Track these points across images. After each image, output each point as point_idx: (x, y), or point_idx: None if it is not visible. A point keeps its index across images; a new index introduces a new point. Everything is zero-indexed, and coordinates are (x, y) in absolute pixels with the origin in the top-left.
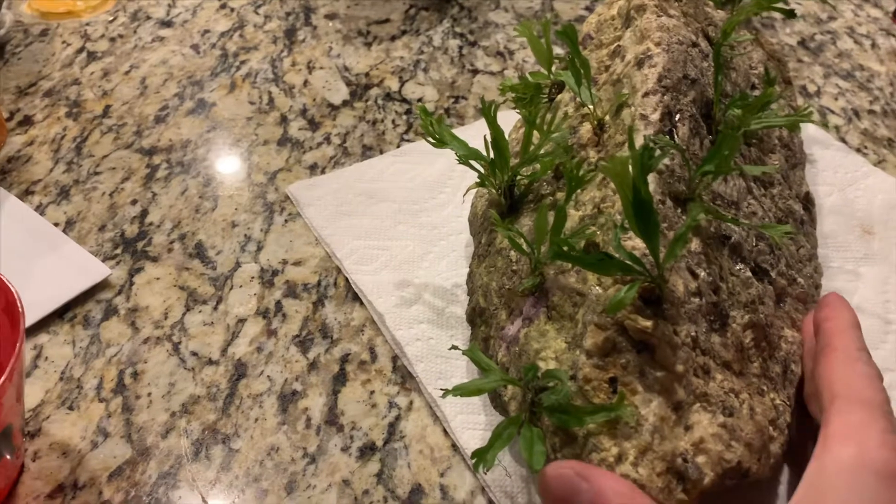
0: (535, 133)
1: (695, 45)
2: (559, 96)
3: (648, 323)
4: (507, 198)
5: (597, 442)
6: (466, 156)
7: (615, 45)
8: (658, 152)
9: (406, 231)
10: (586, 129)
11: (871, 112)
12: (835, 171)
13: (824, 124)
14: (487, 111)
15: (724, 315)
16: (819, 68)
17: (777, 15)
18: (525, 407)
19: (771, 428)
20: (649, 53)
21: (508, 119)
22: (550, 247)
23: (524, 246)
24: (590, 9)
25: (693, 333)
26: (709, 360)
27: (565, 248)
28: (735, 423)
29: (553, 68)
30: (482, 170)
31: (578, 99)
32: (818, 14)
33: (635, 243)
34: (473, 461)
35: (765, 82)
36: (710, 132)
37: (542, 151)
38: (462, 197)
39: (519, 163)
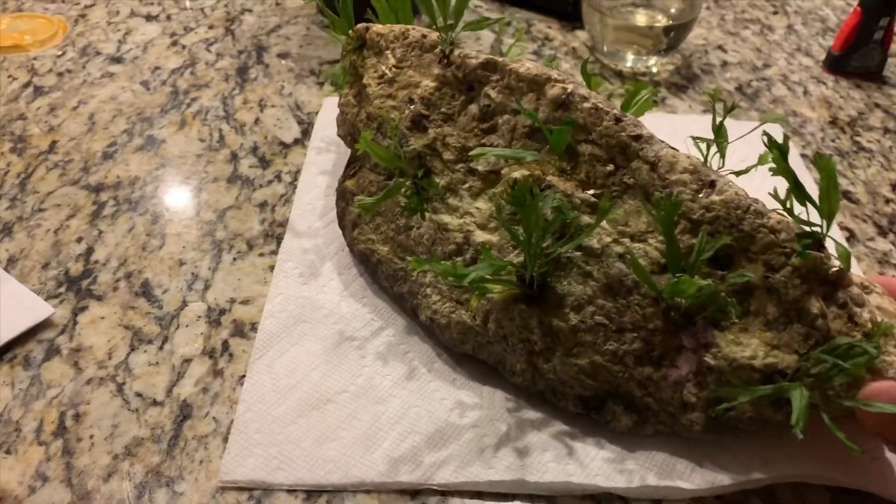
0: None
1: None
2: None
3: None
4: (532, 285)
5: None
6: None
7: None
8: None
9: None
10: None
11: (803, 156)
12: None
13: None
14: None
15: None
16: (755, 113)
17: (716, 61)
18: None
19: None
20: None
21: None
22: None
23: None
24: (538, 53)
25: None
26: None
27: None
28: None
29: None
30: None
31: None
32: (754, 62)
33: None
34: None
35: None
36: None
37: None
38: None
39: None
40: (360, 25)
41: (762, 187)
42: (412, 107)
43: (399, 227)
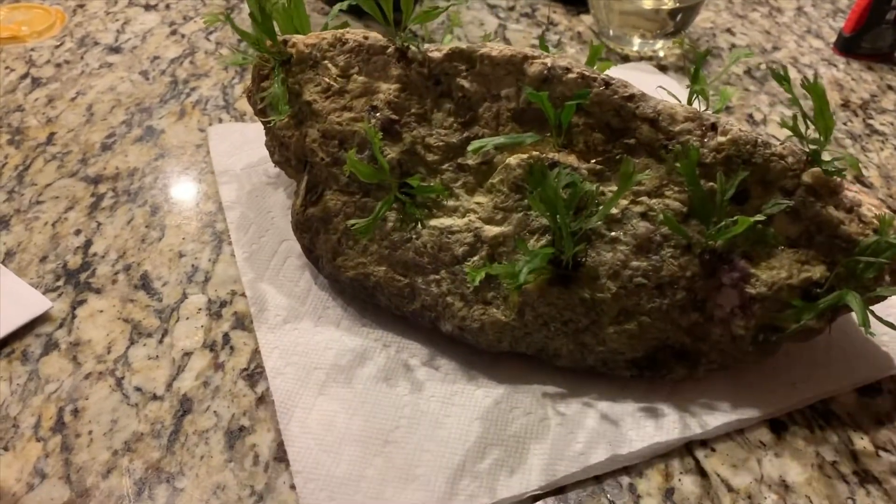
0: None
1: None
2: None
3: None
4: (567, 266)
5: None
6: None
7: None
8: None
9: None
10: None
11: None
12: None
13: None
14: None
15: None
16: (765, 97)
17: (724, 44)
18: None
19: None
20: None
21: None
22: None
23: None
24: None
25: None
26: None
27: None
28: None
29: None
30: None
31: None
32: (763, 44)
33: None
34: None
35: None
36: None
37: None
38: None
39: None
40: (280, 39)
41: None
42: (378, 114)
43: (393, 242)
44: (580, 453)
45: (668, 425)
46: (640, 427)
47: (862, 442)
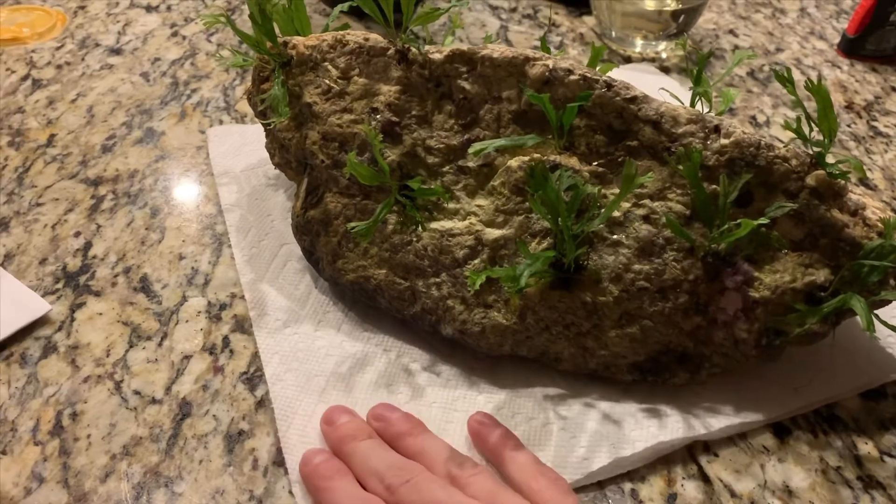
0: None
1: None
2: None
3: None
4: (569, 269)
5: None
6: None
7: None
8: None
9: None
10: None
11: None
12: None
13: None
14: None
15: None
16: (768, 98)
17: (727, 46)
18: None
19: None
20: None
21: None
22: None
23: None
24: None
25: None
26: None
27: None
28: None
29: None
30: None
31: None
32: (766, 45)
33: None
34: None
35: None
36: None
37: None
38: None
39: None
40: (280, 40)
41: None
42: (378, 116)
43: (394, 245)
44: (583, 458)
45: (672, 425)
46: (643, 428)
47: (866, 447)
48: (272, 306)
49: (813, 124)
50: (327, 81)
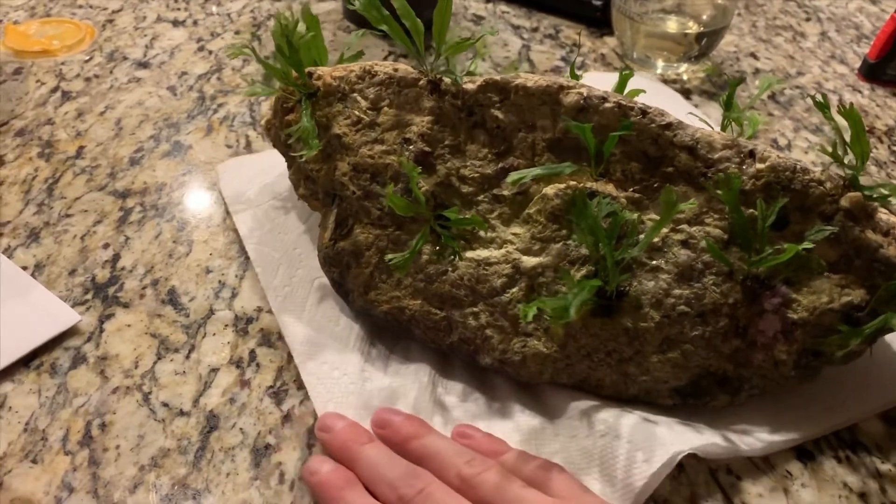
0: None
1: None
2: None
3: None
4: (611, 296)
5: None
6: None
7: None
8: None
9: None
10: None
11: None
12: None
13: None
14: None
15: None
16: (789, 122)
17: (747, 69)
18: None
19: None
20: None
21: None
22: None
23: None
24: (566, 59)
25: None
26: None
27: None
28: None
29: None
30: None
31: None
32: (787, 69)
33: None
34: None
35: None
36: None
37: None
38: None
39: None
40: (306, 71)
41: None
42: (411, 147)
43: (429, 275)
44: (629, 475)
45: (711, 438)
46: (683, 438)
47: (891, 472)
48: (318, 349)
49: (847, 148)
50: (357, 112)
